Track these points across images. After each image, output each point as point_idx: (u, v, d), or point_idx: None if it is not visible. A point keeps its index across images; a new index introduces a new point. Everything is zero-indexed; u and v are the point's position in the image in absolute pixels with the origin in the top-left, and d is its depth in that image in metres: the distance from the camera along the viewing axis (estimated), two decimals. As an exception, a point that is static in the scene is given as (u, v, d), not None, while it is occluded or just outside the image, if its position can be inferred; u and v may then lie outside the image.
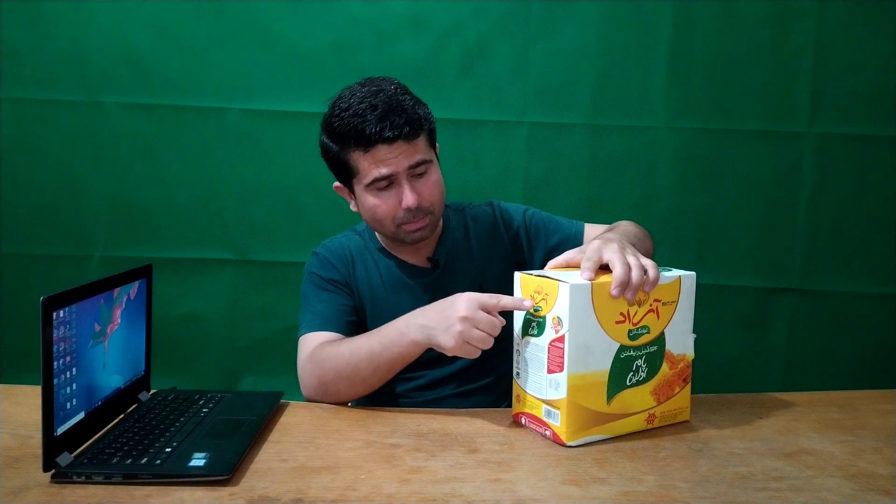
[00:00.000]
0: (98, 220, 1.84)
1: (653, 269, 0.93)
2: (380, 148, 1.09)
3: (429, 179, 1.15)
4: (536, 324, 0.94)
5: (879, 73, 1.81)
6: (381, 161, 1.10)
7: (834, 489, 0.81)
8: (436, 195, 1.16)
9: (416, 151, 1.12)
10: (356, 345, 1.07)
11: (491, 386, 1.23)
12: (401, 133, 1.09)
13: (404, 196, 1.12)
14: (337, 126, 1.12)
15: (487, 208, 1.32)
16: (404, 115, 1.10)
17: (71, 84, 1.80)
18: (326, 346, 1.11)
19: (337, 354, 1.08)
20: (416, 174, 1.13)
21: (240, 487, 0.80)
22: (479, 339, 0.95)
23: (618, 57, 1.82)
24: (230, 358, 1.89)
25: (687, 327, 1.00)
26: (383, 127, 1.08)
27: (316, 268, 1.25)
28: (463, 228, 1.29)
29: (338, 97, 1.15)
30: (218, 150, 1.84)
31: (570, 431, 0.92)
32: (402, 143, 1.10)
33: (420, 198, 1.12)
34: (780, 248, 1.87)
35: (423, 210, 1.14)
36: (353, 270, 1.24)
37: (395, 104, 1.10)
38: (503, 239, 1.29)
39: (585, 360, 0.91)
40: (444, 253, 1.25)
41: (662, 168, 1.85)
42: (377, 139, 1.09)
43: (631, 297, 0.91)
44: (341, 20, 1.81)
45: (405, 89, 1.16)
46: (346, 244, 1.27)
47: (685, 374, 1.01)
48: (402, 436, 0.96)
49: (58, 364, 0.81)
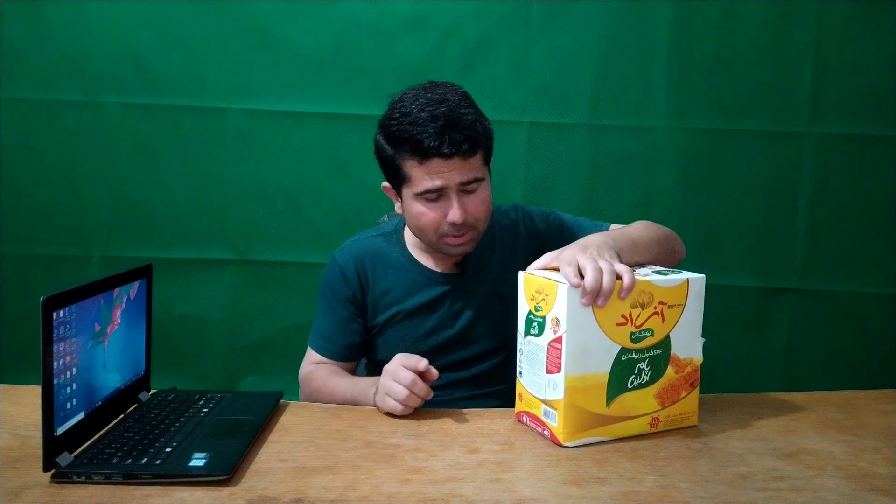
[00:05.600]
0: (98, 220, 1.84)
1: (627, 273, 0.90)
2: (435, 161, 1.08)
3: (478, 196, 1.13)
4: (537, 324, 0.94)
5: (879, 73, 1.81)
6: (435, 174, 1.08)
7: (834, 489, 0.81)
8: (482, 212, 1.14)
9: (471, 169, 1.10)
10: (336, 388, 1.17)
11: (501, 393, 1.22)
12: (459, 150, 1.07)
13: (451, 211, 1.10)
14: (395, 130, 1.09)
15: (513, 213, 1.31)
16: (464, 132, 1.07)
17: (71, 84, 1.81)
18: (319, 376, 1.22)
19: (322, 391, 1.19)
20: (467, 190, 1.12)
21: (240, 487, 0.80)
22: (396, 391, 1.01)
23: (618, 57, 1.82)
24: (230, 358, 1.89)
25: (695, 331, 0.98)
26: (442, 142, 1.06)
27: (329, 276, 1.27)
28: (489, 236, 1.27)
29: (399, 98, 1.12)
30: (218, 150, 1.84)
31: (567, 432, 0.92)
32: (458, 160, 1.08)
33: (466, 214, 1.11)
34: (780, 248, 1.87)
35: (467, 225, 1.13)
36: (371, 277, 1.24)
37: (457, 118, 1.08)
38: (524, 244, 1.27)
39: (584, 361, 0.91)
40: (471, 258, 1.25)
41: (662, 168, 1.85)
42: (434, 153, 1.07)
43: (602, 304, 0.89)
44: (341, 20, 1.81)
45: (469, 101, 1.14)
46: (367, 249, 1.26)
47: (692, 379, 0.99)
48: (402, 436, 0.96)
49: (58, 364, 0.81)
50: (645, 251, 1.08)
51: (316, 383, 1.21)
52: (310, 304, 1.82)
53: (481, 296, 1.24)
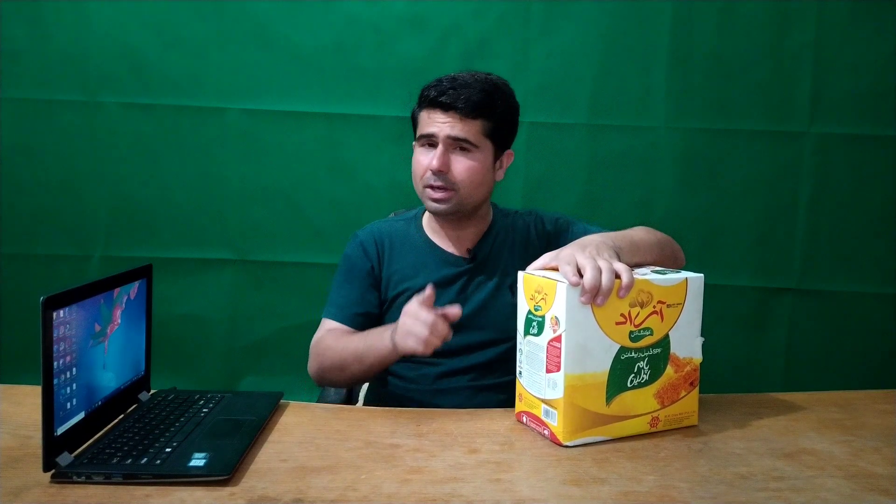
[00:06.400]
0: (98, 220, 1.85)
1: (626, 272, 0.90)
2: (436, 111, 1.16)
3: (465, 161, 1.18)
4: (536, 323, 0.94)
5: (879, 73, 1.81)
6: (432, 121, 1.17)
7: (834, 489, 0.81)
8: (465, 176, 1.18)
9: (465, 129, 1.16)
10: (348, 343, 1.17)
11: (505, 386, 1.22)
12: (455, 104, 1.14)
13: (433, 158, 1.17)
14: (423, 89, 1.20)
15: (527, 217, 1.34)
16: (471, 94, 1.15)
17: (71, 84, 1.81)
18: (330, 337, 1.21)
19: (333, 348, 1.18)
20: (458, 148, 1.18)
21: (240, 487, 0.80)
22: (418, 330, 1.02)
23: (618, 57, 1.83)
24: (230, 358, 1.89)
25: (694, 330, 0.99)
26: (444, 92, 1.15)
27: (350, 250, 1.30)
28: (505, 233, 1.31)
29: None
30: (218, 150, 1.84)
31: (566, 432, 0.92)
32: (454, 114, 1.15)
33: (444, 167, 1.16)
34: (780, 248, 1.87)
35: (448, 182, 1.17)
36: (389, 253, 1.28)
37: (472, 82, 1.16)
38: (534, 248, 1.29)
39: (583, 360, 0.91)
40: (483, 249, 1.28)
41: (662, 168, 1.85)
42: (435, 103, 1.16)
43: (601, 303, 0.89)
44: (341, 20, 1.81)
45: (502, 85, 1.22)
46: (386, 230, 1.31)
47: (692, 378, 0.99)
48: (402, 436, 0.96)
49: (58, 364, 0.81)
50: (645, 253, 1.08)
51: (326, 342, 1.21)
52: (310, 304, 1.83)
53: (492, 285, 1.26)
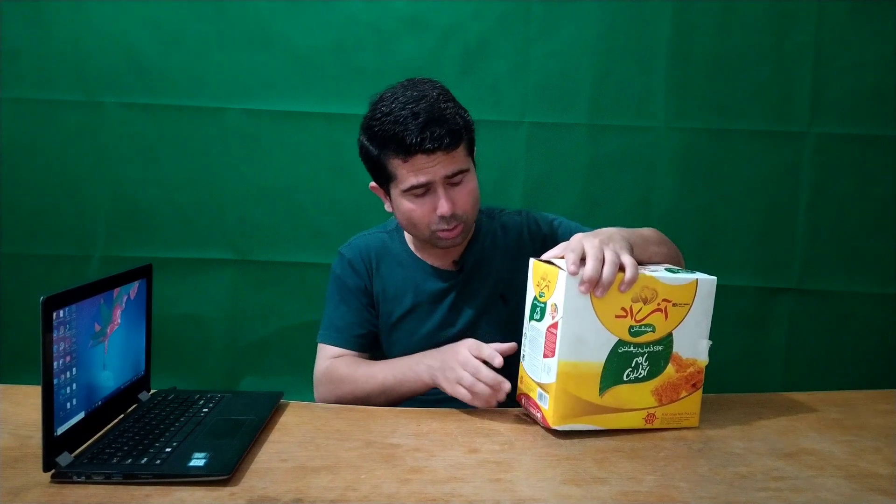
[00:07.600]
0: (98, 220, 1.84)
1: (631, 267, 0.91)
2: (419, 157, 1.09)
3: (464, 188, 1.15)
4: (539, 309, 0.96)
5: (879, 73, 1.81)
6: (420, 170, 1.10)
7: (834, 489, 0.81)
8: (470, 204, 1.16)
9: (454, 161, 1.12)
10: (371, 373, 1.14)
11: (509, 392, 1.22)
12: (441, 144, 1.08)
13: (440, 204, 1.12)
14: (377, 130, 1.11)
15: (517, 217, 1.32)
16: (445, 126, 1.09)
17: (71, 84, 1.80)
18: (343, 366, 1.18)
19: (353, 379, 1.15)
20: (453, 182, 1.13)
21: (240, 487, 0.80)
22: (469, 383, 1.00)
23: (618, 57, 1.82)
24: (230, 358, 1.88)
25: (700, 332, 0.98)
26: (424, 138, 1.07)
27: (339, 270, 1.28)
28: (492, 236, 1.29)
29: (379, 99, 1.15)
30: (218, 150, 1.84)
31: (557, 416, 0.93)
32: (441, 154, 1.10)
33: (454, 206, 1.13)
34: (780, 248, 1.87)
35: (456, 218, 1.14)
36: (376, 270, 1.26)
37: (438, 113, 1.09)
38: (528, 249, 1.27)
39: (578, 349, 0.92)
40: (470, 259, 1.26)
41: (662, 168, 1.85)
42: (417, 149, 1.08)
43: (600, 295, 0.90)
44: (341, 20, 1.81)
45: (448, 95, 1.16)
46: (371, 243, 1.29)
47: (695, 380, 0.99)
48: (402, 436, 0.96)
49: (58, 364, 0.81)
50: (655, 253, 1.08)
51: (341, 372, 1.17)
52: (310, 304, 1.84)
53: (483, 296, 1.24)
